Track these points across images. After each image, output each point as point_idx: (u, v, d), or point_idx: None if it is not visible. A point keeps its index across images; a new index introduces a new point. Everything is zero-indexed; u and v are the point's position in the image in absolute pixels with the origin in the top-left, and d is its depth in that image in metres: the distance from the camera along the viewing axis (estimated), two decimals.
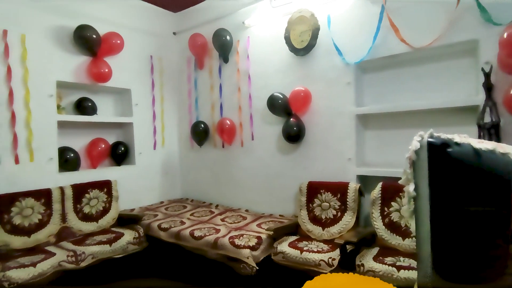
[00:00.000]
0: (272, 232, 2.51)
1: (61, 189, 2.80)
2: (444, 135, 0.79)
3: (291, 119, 2.92)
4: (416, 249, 0.81)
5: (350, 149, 2.70)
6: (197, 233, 2.65)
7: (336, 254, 2.18)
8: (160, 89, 3.85)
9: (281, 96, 2.97)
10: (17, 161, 2.66)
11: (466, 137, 0.89)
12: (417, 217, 0.80)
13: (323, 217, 2.61)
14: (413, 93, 2.52)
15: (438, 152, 0.77)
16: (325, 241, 2.46)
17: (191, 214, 3.25)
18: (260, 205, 3.29)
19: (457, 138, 0.79)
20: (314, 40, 2.81)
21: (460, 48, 2.29)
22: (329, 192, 2.64)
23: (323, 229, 2.55)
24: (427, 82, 2.48)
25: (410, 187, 0.81)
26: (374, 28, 2.50)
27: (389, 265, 1.92)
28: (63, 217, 2.76)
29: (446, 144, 0.77)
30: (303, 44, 2.86)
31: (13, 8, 2.68)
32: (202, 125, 3.66)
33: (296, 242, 2.44)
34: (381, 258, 2.04)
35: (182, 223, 2.96)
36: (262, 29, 3.23)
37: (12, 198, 2.49)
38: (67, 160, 3.02)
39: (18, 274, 2.03)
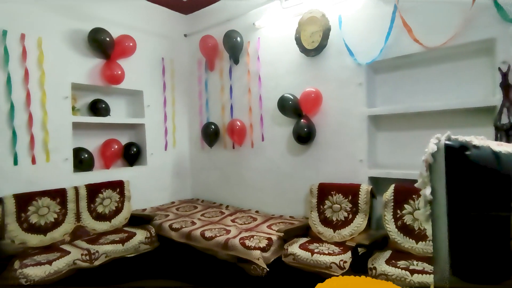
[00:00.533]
0: (282, 234, 2.50)
1: (76, 189, 2.86)
2: (462, 138, 0.77)
3: (302, 120, 2.90)
4: (432, 252, 0.80)
5: (361, 151, 2.67)
6: (207, 234, 2.67)
7: (347, 256, 2.16)
8: (171, 91, 3.89)
9: (292, 97, 2.96)
10: (33, 161, 2.74)
11: (484, 139, 0.87)
12: (433, 220, 0.79)
13: (334, 219, 2.58)
14: (427, 94, 2.48)
15: (456, 155, 0.75)
16: (336, 243, 2.44)
17: (202, 215, 3.28)
18: (270, 206, 3.29)
19: (476, 141, 0.77)
20: (325, 41, 2.79)
21: (475, 47, 2.24)
22: (340, 194, 2.62)
23: (334, 231, 2.53)
24: (441, 82, 2.43)
25: (427, 191, 0.79)
26: (386, 28, 2.47)
27: (402, 268, 1.89)
28: (78, 216, 2.82)
29: (464, 147, 0.75)
30: (314, 44, 2.85)
31: (30, 12, 2.76)
32: (213, 126, 3.68)
33: (307, 244, 2.43)
34: (393, 261, 2.01)
35: (193, 223, 2.98)
36: (273, 30, 3.23)
37: (29, 198, 2.56)
38: (82, 160, 3.09)
39: (35, 272, 2.08)
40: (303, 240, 2.52)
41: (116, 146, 3.39)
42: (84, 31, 3.07)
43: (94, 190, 2.98)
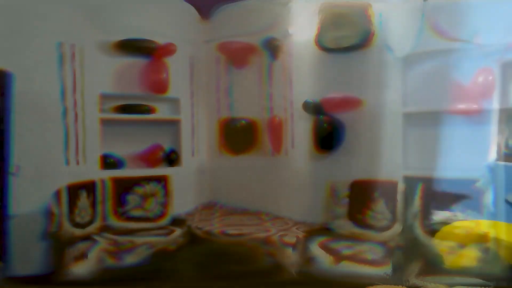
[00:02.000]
0: (306, 234, 2.54)
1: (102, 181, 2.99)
2: None
3: (330, 122, 2.87)
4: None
5: (397, 152, 2.60)
6: (233, 231, 2.74)
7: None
8: (196, 94, 3.89)
9: (319, 100, 2.92)
10: (77, 163, 2.93)
11: None
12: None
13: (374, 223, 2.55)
14: None
15: None
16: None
17: (224, 219, 3.33)
18: (297, 213, 3.16)
19: None
20: (357, 39, 2.73)
21: None
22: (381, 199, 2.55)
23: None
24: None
25: (488, 196, 0.76)
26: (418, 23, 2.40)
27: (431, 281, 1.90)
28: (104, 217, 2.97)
29: None
30: (343, 44, 2.78)
31: (74, 24, 2.94)
32: (236, 127, 3.62)
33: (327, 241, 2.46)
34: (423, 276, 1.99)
35: (220, 224, 3.05)
36: (302, 31, 3.11)
37: (73, 192, 2.72)
38: (109, 163, 3.20)
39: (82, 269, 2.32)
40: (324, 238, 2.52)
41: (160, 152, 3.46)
42: (119, 41, 3.18)
43: (125, 186, 3.09)
